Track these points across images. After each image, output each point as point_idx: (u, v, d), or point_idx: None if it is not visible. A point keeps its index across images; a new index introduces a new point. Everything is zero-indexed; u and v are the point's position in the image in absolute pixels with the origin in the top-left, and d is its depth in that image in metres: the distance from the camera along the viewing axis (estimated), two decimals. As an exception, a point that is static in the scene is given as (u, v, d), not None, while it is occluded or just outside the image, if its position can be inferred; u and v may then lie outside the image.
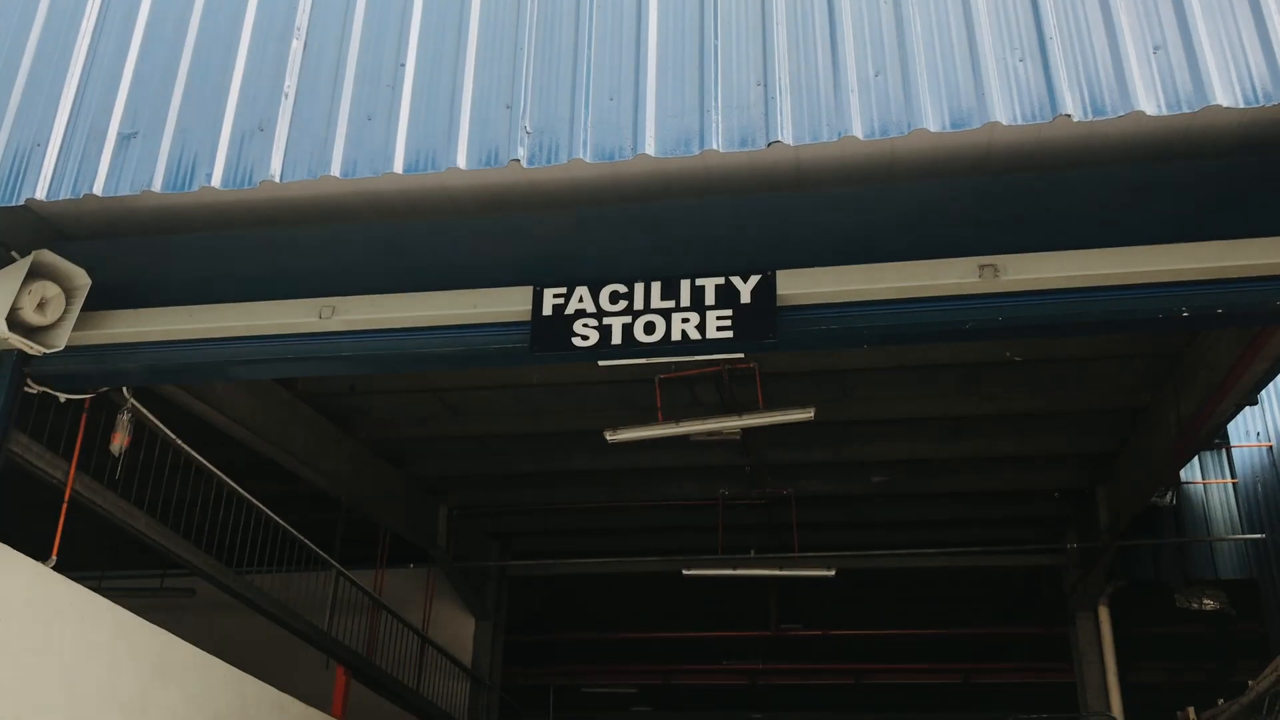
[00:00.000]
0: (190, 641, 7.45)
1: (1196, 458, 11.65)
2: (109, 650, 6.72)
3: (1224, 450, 11.80)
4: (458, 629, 13.51)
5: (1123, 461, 10.97)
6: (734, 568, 12.32)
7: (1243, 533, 11.52)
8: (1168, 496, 11.81)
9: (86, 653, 6.52)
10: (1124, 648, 12.35)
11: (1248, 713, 7.64)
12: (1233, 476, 11.88)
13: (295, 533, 9.24)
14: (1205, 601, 12.41)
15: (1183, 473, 11.64)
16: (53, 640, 6.25)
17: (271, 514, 8.82)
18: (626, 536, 13.66)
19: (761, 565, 12.38)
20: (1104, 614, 12.36)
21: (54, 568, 6.33)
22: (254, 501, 8.55)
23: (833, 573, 12.13)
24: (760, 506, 12.23)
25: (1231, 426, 11.31)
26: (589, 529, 13.52)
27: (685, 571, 12.46)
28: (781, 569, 12.30)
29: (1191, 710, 8.89)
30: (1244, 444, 11.46)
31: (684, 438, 9.86)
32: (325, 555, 9.86)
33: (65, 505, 6.31)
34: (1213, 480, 12.03)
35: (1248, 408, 10.61)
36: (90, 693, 6.53)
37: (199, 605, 11.20)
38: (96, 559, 6.50)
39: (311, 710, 9.13)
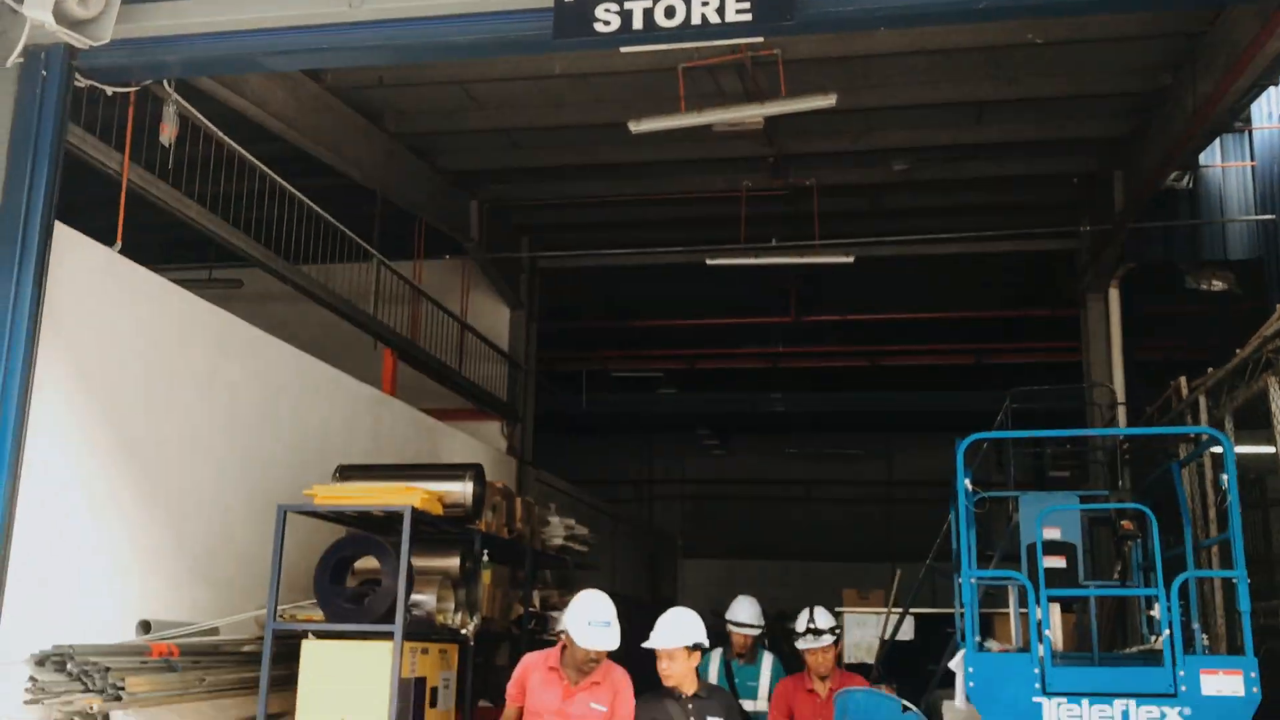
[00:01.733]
0: (245, 327, 8.07)
1: (1218, 141, 11.77)
2: (177, 329, 7.31)
3: (1246, 133, 11.89)
4: (494, 318, 14.25)
5: (1141, 145, 11.11)
6: (756, 256, 12.77)
7: (1255, 214, 11.80)
8: (1184, 180, 12.02)
9: (157, 331, 7.11)
10: (1130, 328, 12.91)
11: (1232, 378, 8.19)
12: (1252, 159, 12.02)
13: (337, 224, 9.67)
14: (1214, 282, 12.87)
15: (1202, 157, 11.79)
16: (124, 319, 6.82)
17: (313, 205, 9.23)
18: (652, 229, 14.08)
19: (782, 254, 12.82)
20: (1113, 295, 12.83)
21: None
22: (296, 193, 8.93)
23: (851, 259, 12.57)
24: (782, 197, 12.54)
25: (1255, 109, 11.36)
26: (615, 222, 13.93)
27: (709, 262, 12.93)
28: (802, 257, 12.74)
29: (1183, 380, 9.48)
30: (1266, 125, 11.53)
31: (707, 129, 10.05)
32: (366, 245, 10.34)
33: (124, 192, 6.70)
34: (1232, 163, 12.18)
35: (1272, 90, 10.64)
36: (163, 368, 7.17)
37: (247, 296, 11.85)
38: (145, 254, 6.94)
39: (364, 385, 9.91)
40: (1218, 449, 7.30)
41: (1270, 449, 7.75)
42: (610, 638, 5.53)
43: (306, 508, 7.15)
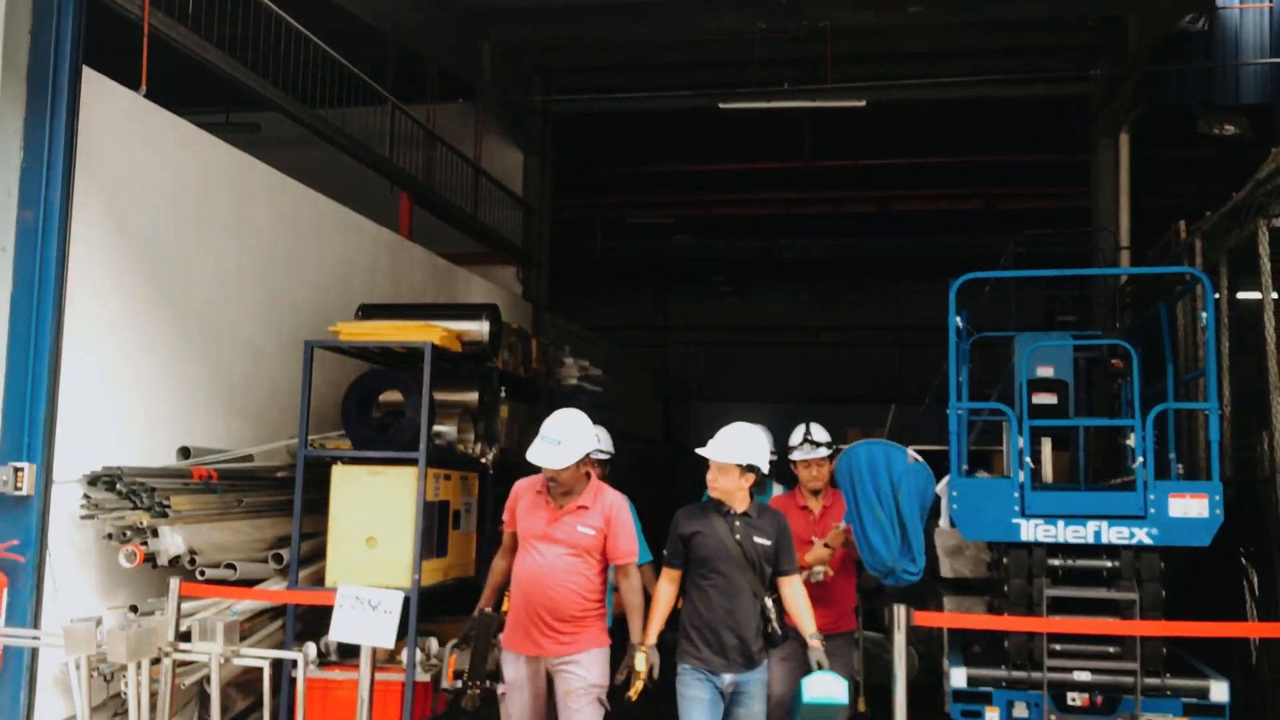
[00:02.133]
0: (264, 171, 8.30)
1: (1237, -13, 11.64)
2: (203, 173, 7.57)
3: (1269, -25, 11.74)
4: (508, 164, 14.38)
5: (1158, -15, 11.01)
6: (768, 100, 12.80)
7: (1270, 57, 11.74)
8: (1200, 22, 11.92)
9: (185, 175, 7.37)
10: (1139, 175, 12.99)
11: (1227, 222, 8.37)
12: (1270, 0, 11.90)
13: (351, 67, 9.78)
14: (1226, 127, 12.87)
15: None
16: (154, 164, 7.08)
17: (328, 48, 9.32)
18: (665, 72, 14.05)
19: (795, 98, 12.85)
20: (1124, 140, 12.88)
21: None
22: (310, 36, 9.02)
23: (863, 103, 12.61)
24: (796, 40, 12.50)
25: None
26: (628, 64, 13.91)
27: (721, 105, 12.98)
28: (814, 101, 12.77)
29: (1182, 223, 9.67)
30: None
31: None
32: (380, 89, 10.46)
33: (145, 35, 6.86)
34: (1249, 4, 12.06)
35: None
36: (191, 211, 7.46)
37: (264, 141, 12.00)
38: (163, 99, 7.10)
39: (383, 229, 10.19)
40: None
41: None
42: (556, 456, 5.06)
43: (333, 344, 7.53)
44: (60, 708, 6.20)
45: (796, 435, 6.60)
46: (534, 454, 5.13)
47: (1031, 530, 6.46)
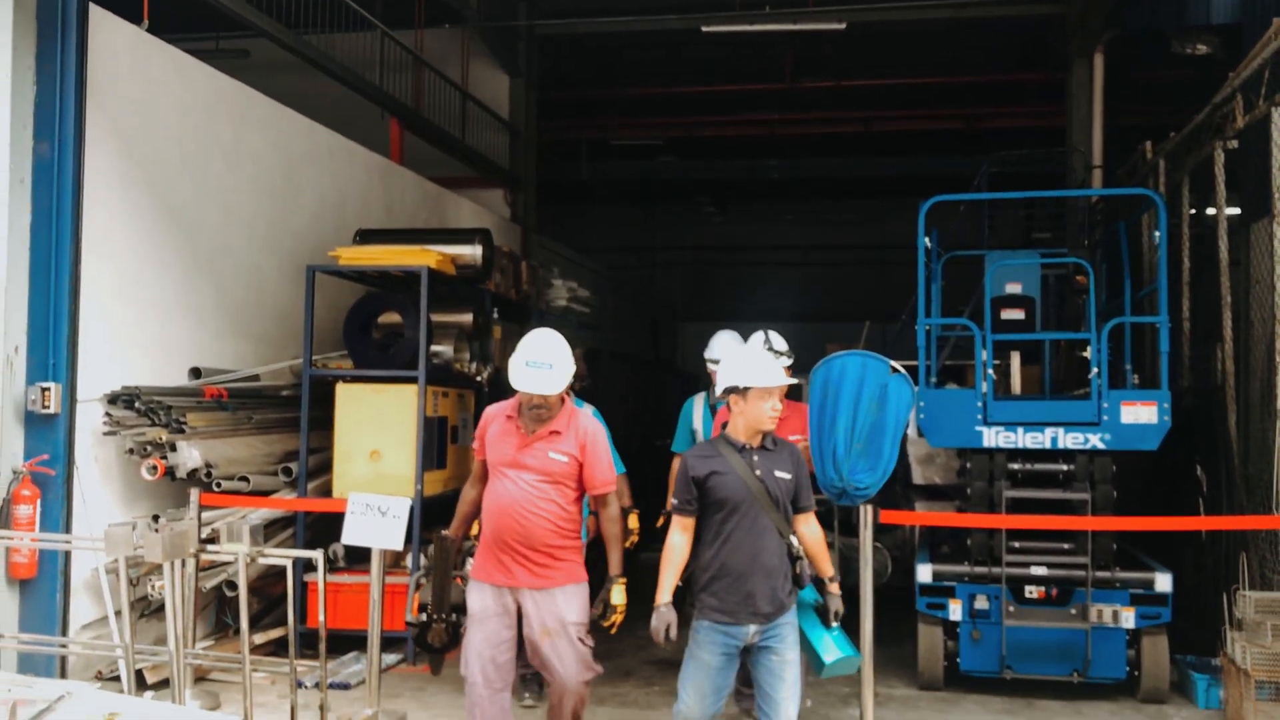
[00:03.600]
0: (255, 99, 8.55)
1: (1211, -103, 11.81)
2: (204, 103, 7.84)
3: (1242, -112, 11.89)
4: (494, 87, 14.55)
5: (1133, -92, 11.19)
6: (750, 24, 13.00)
7: (1240, -23, 11.95)
8: (1173, -58, 12.13)
9: (187, 105, 7.65)
10: (1115, 95, 13.25)
11: (1188, 142, 8.73)
12: (1246, -83, 12.08)
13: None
14: (1198, 46, 13.13)
15: (1197, -85, 11.86)
16: (158, 95, 7.35)
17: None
18: (649, -5, 14.17)
19: (776, 20, 13.04)
20: (1098, 60, 13.10)
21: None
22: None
23: (843, 26, 12.80)
24: (777, -39, 12.66)
25: None
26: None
27: (704, 28, 13.17)
28: (795, 24, 12.97)
29: (1149, 144, 10.02)
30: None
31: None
32: (367, 15, 10.63)
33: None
34: (1222, -75, 12.25)
35: None
36: (194, 141, 7.75)
37: (254, 67, 12.16)
38: (155, 24, 7.29)
39: (375, 154, 10.47)
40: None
41: (1232, 210, 8.34)
42: (547, 382, 4.73)
43: (332, 268, 7.90)
44: (91, 610, 6.67)
45: (755, 343, 6.40)
46: (524, 381, 4.74)
47: (993, 437, 6.93)
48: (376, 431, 7.53)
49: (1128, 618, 6.70)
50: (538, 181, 15.38)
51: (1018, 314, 8.88)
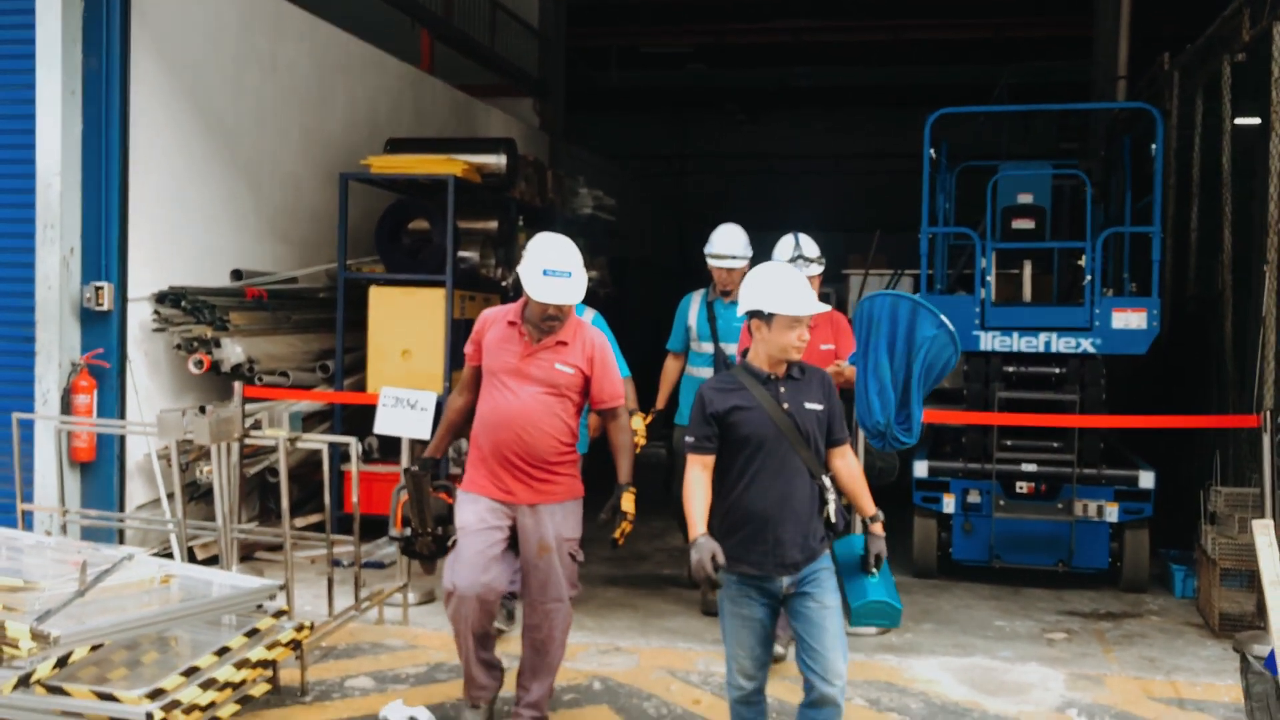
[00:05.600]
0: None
1: None
2: (239, 15, 8.15)
3: None
4: (523, -7, 14.72)
5: None
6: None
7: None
8: None
9: (224, 18, 7.97)
10: (1145, 4, 13.21)
11: (1202, 55, 8.85)
12: None
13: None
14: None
15: None
16: (194, 9, 7.67)
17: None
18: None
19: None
20: (1126, -33, 13.08)
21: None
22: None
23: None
24: None
25: None
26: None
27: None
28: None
29: (1166, 56, 10.12)
30: None
31: None
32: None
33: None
34: None
35: None
36: (231, 52, 8.08)
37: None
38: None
39: (405, 64, 10.77)
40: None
41: (1254, 120, 8.47)
42: (569, 290, 4.51)
43: (364, 176, 8.28)
44: (144, 493, 7.23)
45: (785, 248, 6.18)
46: (545, 291, 4.49)
47: (989, 341, 7.28)
48: (407, 332, 7.96)
49: (1111, 512, 7.10)
50: (566, 89, 15.57)
51: (1028, 224, 9.11)
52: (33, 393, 6.74)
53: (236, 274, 8.11)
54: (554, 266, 4.51)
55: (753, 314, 4.05)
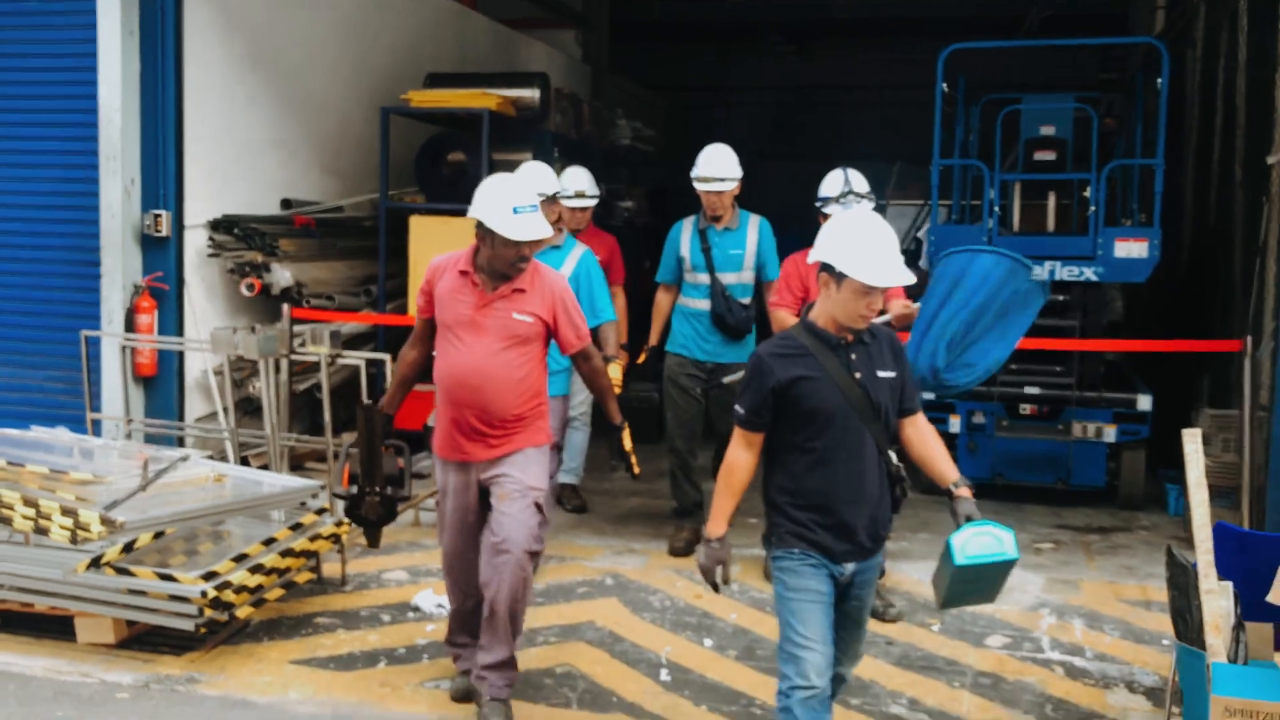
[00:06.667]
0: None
1: None
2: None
3: None
4: (567, -74, 14.89)
5: None
6: None
7: None
8: None
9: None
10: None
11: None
12: None
13: None
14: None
15: None
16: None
17: None
18: None
19: None
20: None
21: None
22: None
23: None
24: None
25: None
26: None
27: None
28: None
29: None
30: None
31: None
32: None
33: None
34: None
35: None
36: (277, -11, 8.52)
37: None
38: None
39: None
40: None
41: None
42: (541, 224, 4.21)
43: (405, 109, 8.71)
44: (201, 408, 7.82)
45: (834, 184, 5.76)
46: (518, 229, 4.15)
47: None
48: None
49: (1109, 433, 7.44)
50: (610, 22, 15.78)
51: (1049, 155, 9.33)
52: (99, 313, 7.32)
53: (286, 203, 8.60)
54: (522, 202, 4.19)
55: (824, 268, 3.53)
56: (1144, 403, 7.42)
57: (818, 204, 5.81)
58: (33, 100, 7.46)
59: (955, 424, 7.70)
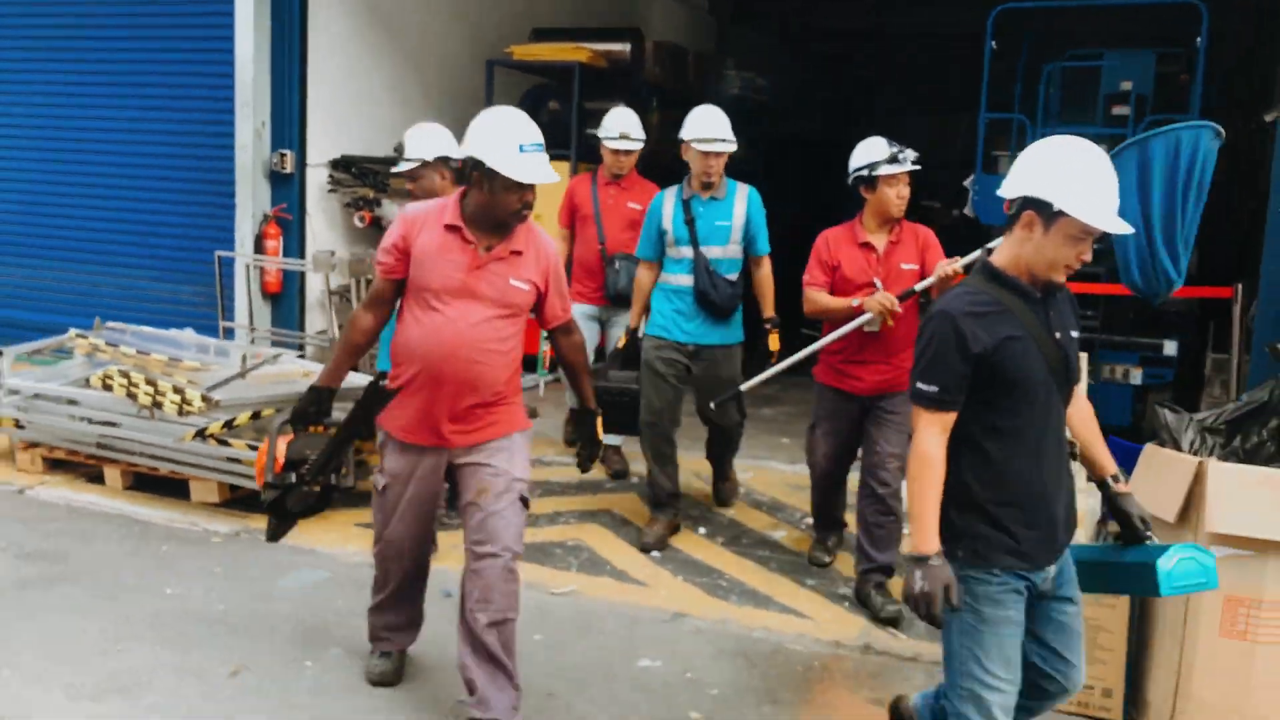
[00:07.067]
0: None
1: None
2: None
3: None
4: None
5: None
6: None
7: None
8: None
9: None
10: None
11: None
12: None
13: None
14: None
15: None
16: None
17: None
18: None
19: None
20: None
21: None
22: None
23: None
24: None
25: None
26: None
27: None
28: None
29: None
30: None
31: None
32: None
33: None
34: None
35: None
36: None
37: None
38: None
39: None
40: None
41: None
42: (549, 170, 3.70)
43: (508, 61, 9.64)
44: (321, 322, 9.01)
45: (882, 147, 4.98)
46: (526, 170, 3.60)
47: (1032, 217, 8.02)
48: (538, 198, 9.34)
49: (1136, 376, 7.85)
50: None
51: (1126, 110, 9.60)
52: (233, 238, 8.55)
53: (398, 147, 9.63)
54: (529, 140, 3.65)
55: (1028, 203, 2.90)
56: (1170, 347, 7.79)
57: (863, 171, 4.95)
58: (180, 54, 8.73)
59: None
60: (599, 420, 4.13)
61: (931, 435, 2.92)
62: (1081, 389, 3.24)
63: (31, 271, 9.57)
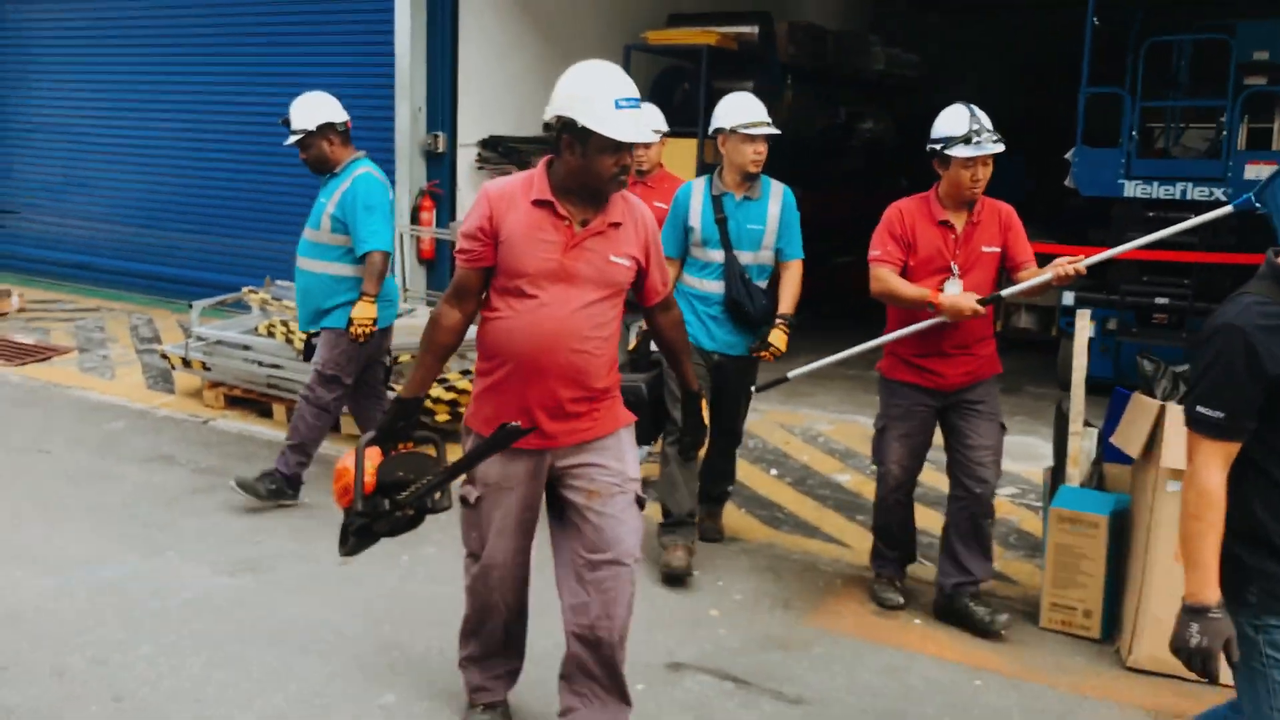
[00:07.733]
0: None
1: None
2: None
3: None
4: None
5: None
6: None
7: None
8: None
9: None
10: None
11: None
12: None
13: None
14: None
15: None
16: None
17: None
18: None
19: None
20: None
21: None
22: None
23: None
24: None
25: None
26: None
27: None
28: None
29: None
30: None
31: None
32: None
33: None
34: None
35: None
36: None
37: None
38: None
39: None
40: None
41: None
42: (648, 129, 3.31)
43: (643, 45, 10.38)
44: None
45: (959, 120, 4.46)
46: (626, 127, 3.16)
47: (1133, 189, 8.26)
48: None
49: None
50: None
51: (1260, 80, 9.57)
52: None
53: (546, 126, 10.53)
54: (626, 95, 3.19)
55: None
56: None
57: (937, 145, 4.48)
58: (346, 48, 9.88)
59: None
60: (703, 402, 3.90)
61: (1214, 468, 2.54)
62: None
63: (215, 238, 11.27)
